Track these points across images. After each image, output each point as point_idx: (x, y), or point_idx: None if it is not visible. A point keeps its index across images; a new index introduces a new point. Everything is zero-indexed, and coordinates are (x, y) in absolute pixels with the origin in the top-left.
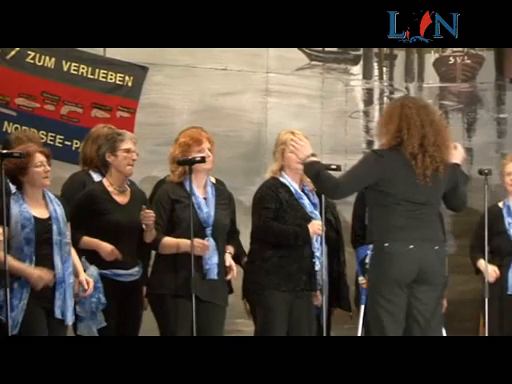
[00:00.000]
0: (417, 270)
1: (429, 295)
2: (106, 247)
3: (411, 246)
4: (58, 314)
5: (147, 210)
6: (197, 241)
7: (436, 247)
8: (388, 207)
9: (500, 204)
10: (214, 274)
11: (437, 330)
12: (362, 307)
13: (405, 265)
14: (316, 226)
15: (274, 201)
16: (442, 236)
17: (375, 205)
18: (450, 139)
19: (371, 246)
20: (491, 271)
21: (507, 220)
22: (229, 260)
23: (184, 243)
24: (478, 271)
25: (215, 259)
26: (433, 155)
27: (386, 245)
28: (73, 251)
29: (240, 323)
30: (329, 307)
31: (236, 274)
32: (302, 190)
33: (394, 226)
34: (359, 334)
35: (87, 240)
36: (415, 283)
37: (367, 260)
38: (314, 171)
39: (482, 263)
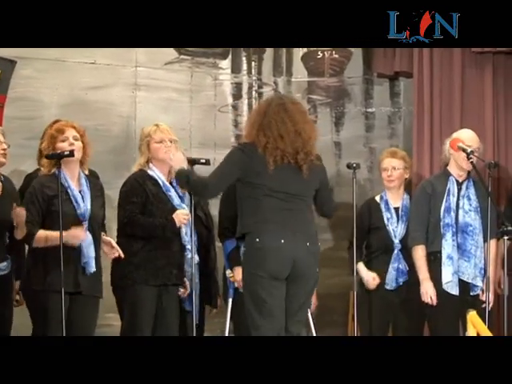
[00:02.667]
0: (290, 267)
1: (298, 291)
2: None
3: (282, 241)
4: None
5: (18, 208)
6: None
7: (308, 243)
8: (257, 199)
9: (377, 198)
10: (92, 267)
11: (299, 325)
12: (230, 301)
13: (277, 260)
14: (181, 216)
15: (140, 194)
16: (315, 231)
17: (245, 197)
18: (307, 134)
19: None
20: (371, 280)
21: (386, 215)
22: (108, 239)
23: (51, 235)
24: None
25: (92, 252)
26: (284, 150)
27: (257, 240)
28: None
29: (110, 317)
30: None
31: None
32: (170, 183)
33: (264, 219)
34: (227, 328)
35: None
36: (287, 280)
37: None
38: (184, 176)
39: (361, 269)
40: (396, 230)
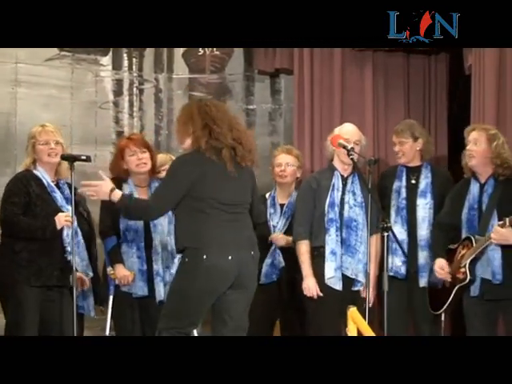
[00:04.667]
0: (234, 278)
1: (240, 297)
2: None
3: (230, 258)
4: None
5: None
6: None
7: (252, 252)
8: (202, 212)
9: (267, 194)
10: None
11: (241, 330)
12: (111, 298)
13: (224, 277)
14: (62, 218)
15: (22, 194)
16: (255, 238)
17: (188, 210)
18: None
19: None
20: None
21: (269, 210)
22: None
23: None
24: None
25: None
26: (237, 148)
27: (205, 257)
28: None
29: None
30: None
31: None
32: (57, 183)
33: (210, 234)
34: (107, 326)
35: None
36: (230, 288)
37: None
38: (123, 206)
39: None
40: (276, 225)
